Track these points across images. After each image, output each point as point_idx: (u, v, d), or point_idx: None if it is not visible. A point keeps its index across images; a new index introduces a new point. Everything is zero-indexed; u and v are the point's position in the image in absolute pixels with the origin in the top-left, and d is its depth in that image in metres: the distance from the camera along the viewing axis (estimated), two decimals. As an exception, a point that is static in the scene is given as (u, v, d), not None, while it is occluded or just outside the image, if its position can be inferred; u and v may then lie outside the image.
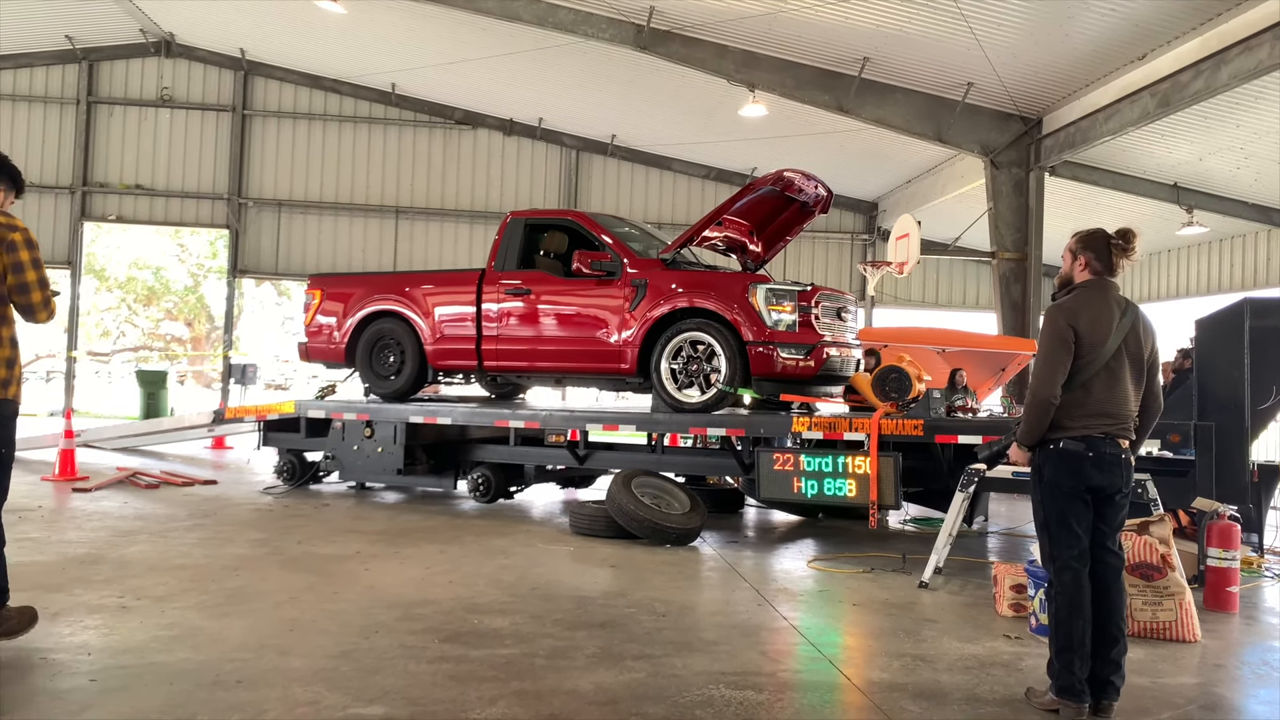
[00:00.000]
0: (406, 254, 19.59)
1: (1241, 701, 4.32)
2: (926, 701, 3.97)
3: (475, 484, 9.32)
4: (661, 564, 6.68)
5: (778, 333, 7.77)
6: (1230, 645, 5.13)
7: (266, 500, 9.23)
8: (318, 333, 9.93)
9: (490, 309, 9.02)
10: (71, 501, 8.82)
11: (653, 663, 4.36)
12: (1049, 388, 3.88)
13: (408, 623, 4.90)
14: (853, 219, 20.74)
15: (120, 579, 5.67)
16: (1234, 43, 9.75)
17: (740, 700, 3.89)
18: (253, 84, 19.56)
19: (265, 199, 19.50)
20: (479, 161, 19.87)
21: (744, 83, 13.59)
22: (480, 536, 7.58)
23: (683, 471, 8.90)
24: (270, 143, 19.62)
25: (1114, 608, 3.90)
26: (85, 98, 19.18)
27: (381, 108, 19.61)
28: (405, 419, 9.21)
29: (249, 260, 19.65)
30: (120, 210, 19.52)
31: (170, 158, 19.43)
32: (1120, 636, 3.89)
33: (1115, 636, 3.87)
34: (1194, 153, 14.05)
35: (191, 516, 8.11)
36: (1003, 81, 12.52)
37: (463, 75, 17.22)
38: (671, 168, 19.97)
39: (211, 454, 13.61)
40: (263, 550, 6.76)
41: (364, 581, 5.88)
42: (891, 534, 8.30)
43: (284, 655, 4.32)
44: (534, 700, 3.80)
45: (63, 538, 7.01)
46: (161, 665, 4.11)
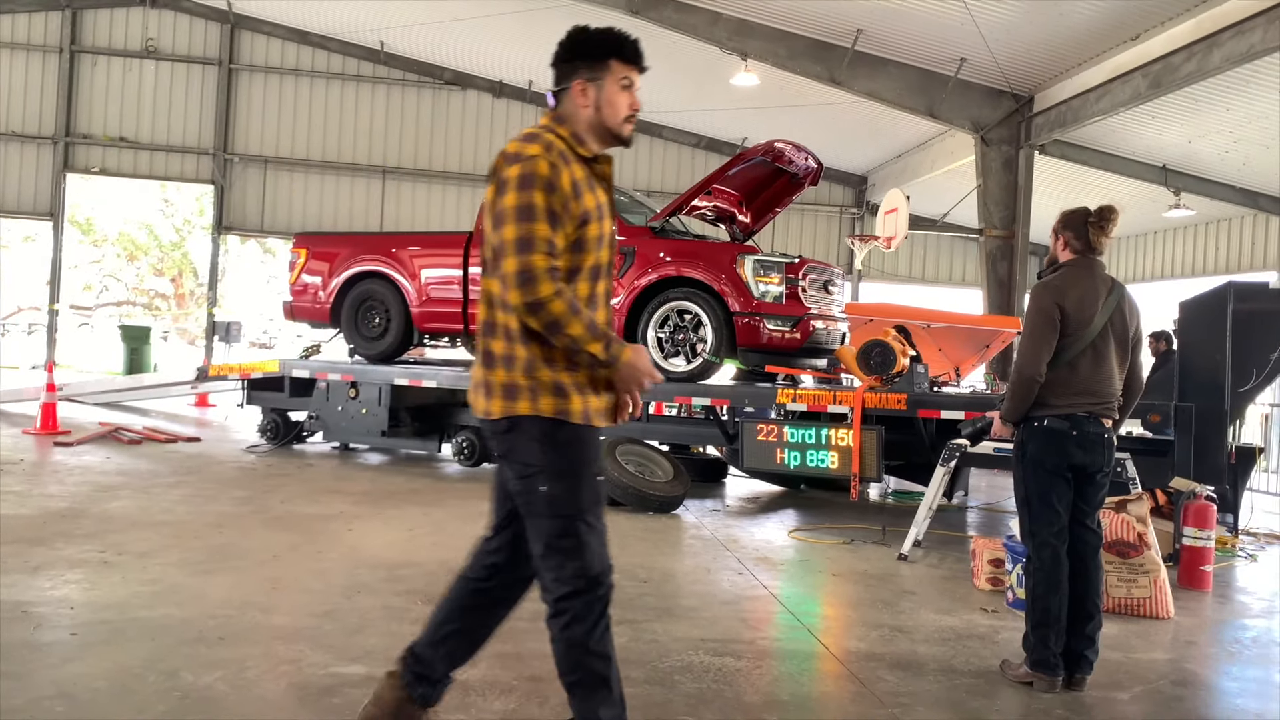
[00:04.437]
0: (393, 215, 19.45)
1: (1212, 678, 4.40)
2: (903, 672, 4.03)
3: (460, 447, 9.33)
4: (644, 531, 6.72)
5: (764, 304, 7.78)
6: (1203, 623, 5.22)
7: (250, 459, 9.22)
8: (302, 292, 9.88)
9: (478, 272, 8.97)
10: (53, 456, 8.78)
11: (634, 628, 4.40)
12: (1034, 365, 3.90)
13: (391, 583, 4.93)
14: (842, 192, 20.71)
15: (102, 534, 5.67)
16: (1227, 25, 9.74)
17: (719, 666, 3.94)
18: (240, 38, 19.29)
19: (251, 155, 19.29)
20: (468, 123, 19.70)
21: (736, 51, 13.50)
22: (464, 499, 7.60)
23: (667, 440, 8.94)
24: (257, 98, 19.38)
25: (1090, 583, 3.96)
26: (68, 46, 18.86)
27: (370, 66, 19.38)
28: (390, 381, 9.20)
29: (234, 217, 19.47)
30: (104, 162, 19.27)
31: (155, 110, 19.17)
32: (1095, 612, 3.94)
33: (1090, 612, 3.93)
34: (1184, 135, 14.07)
35: (174, 473, 8.10)
36: (995, 58, 12.48)
37: (452, 35, 17.02)
38: (662, 135, 19.85)
39: (195, 411, 13.55)
40: (246, 508, 6.76)
41: (347, 542, 5.90)
42: (872, 506, 8.37)
43: (266, 613, 4.33)
44: (515, 662, 3.84)
45: (44, 491, 6.99)
46: (143, 620, 4.12)
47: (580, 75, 2.66)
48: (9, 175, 18.78)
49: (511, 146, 2.59)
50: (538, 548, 2.67)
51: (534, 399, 2.60)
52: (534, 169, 2.52)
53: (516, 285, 2.49)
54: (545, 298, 2.48)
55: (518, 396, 2.61)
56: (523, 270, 2.48)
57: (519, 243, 2.49)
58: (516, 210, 2.51)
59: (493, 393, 2.65)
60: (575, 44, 2.69)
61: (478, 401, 2.71)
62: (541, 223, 2.50)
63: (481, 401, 2.69)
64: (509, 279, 2.50)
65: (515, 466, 2.66)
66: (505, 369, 2.63)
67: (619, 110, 2.69)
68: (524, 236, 2.49)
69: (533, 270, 2.48)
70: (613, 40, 2.68)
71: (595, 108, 2.66)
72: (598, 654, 2.68)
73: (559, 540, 2.63)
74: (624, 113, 2.70)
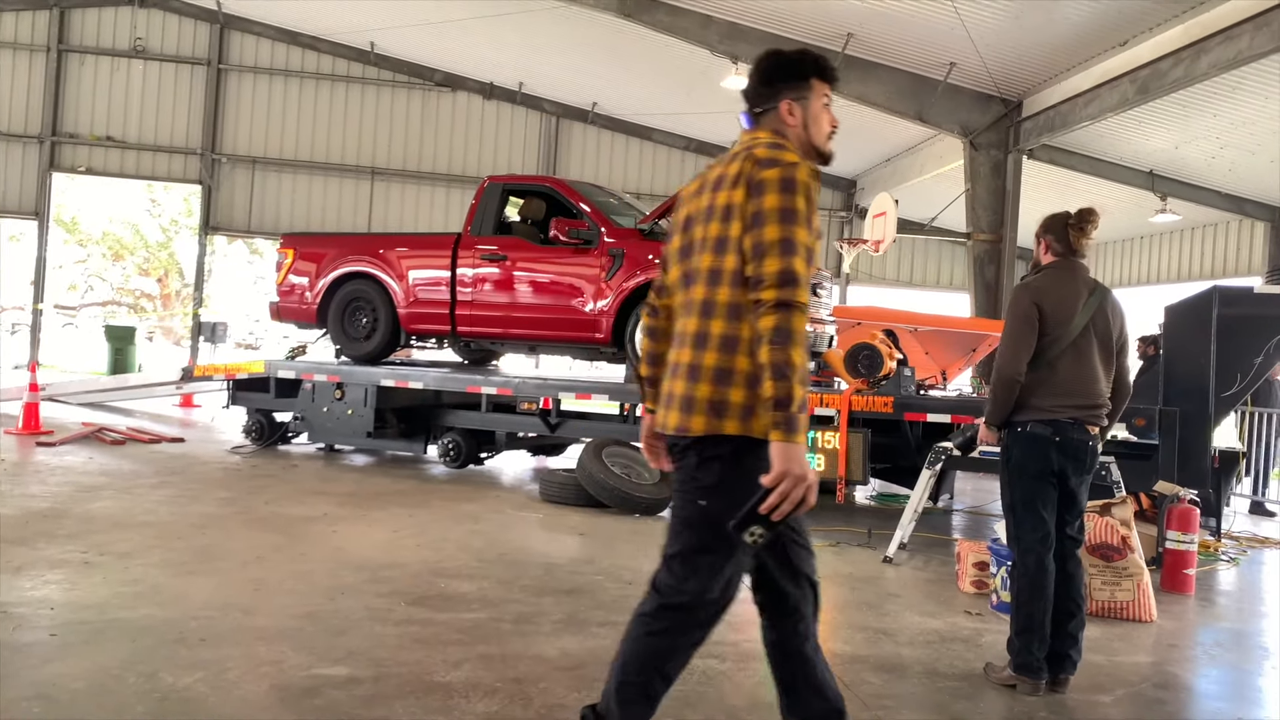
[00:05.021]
0: (381, 215, 19.40)
1: (1193, 681, 4.41)
2: (887, 674, 4.03)
3: (446, 449, 9.30)
4: (630, 533, 6.71)
5: (753, 306, 7.77)
6: (1185, 626, 5.24)
7: (234, 459, 9.17)
8: (289, 292, 9.84)
9: (465, 274, 8.96)
10: (35, 456, 8.72)
11: (618, 629, 4.34)
12: (1012, 365, 3.92)
13: (374, 585, 4.90)
14: (831, 195, 20.75)
15: (84, 534, 5.63)
16: (1215, 32, 9.79)
17: (703, 669, 3.93)
18: (229, 38, 19.22)
19: (239, 155, 19.22)
20: (457, 124, 19.66)
21: (727, 54, 13.51)
22: (449, 501, 7.58)
23: (654, 442, 8.92)
24: (246, 98, 19.31)
25: (1072, 583, 3.97)
26: (56, 45, 18.77)
27: (360, 67, 19.34)
28: (376, 382, 9.17)
29: (221, 217, 19.39)
30: (90, 162, 19.17)
31: (143, 110, 19.08)
32: (1077, 612, 3.95)
33: (1072, 611, 3.94)
34: (1170, 141, 14.14)
35: (158, 474, 8.05)
36: (985, 63, 12.52)
37: (443, 36, 16.99)
38: (652, 138, 19.86)
39: (180, 412, 13.49)
40: (230, 509, 6.72)
41: (331, 543, 5.87)
42: (858, 509, 8.37)
43: (249, 615, 4.31)
44: (499, 664, 3.82)
45: (25, 491, 6.94)
46: (124, 621, 4.09)
47: (786, 95, 2.67)
48: (-6, 173, 18.67)
49: (762, 151, 2.53)
50: (673, 547, 2.57)
51: (745, 418, 2.47)
52: (796, 175, 2.48)
53: (778, 284, 2.38)
54: (800, 304, 2.39)
55: (725, 414, 2.47)
56: (785, 270, 2.39)
57: (783, 244, 2.42)
58: (780, 212, 2.44)
59: (694, 409, 2.49)
60: (779, 66, 2.70)
61: (671, 417, 2.56)
62: (803, 228, 2.45)
63: (676, 417, 2.54)
64: (770, 277, 2.39)
65: (692, 482, 2.53)
66: (715, 384, 2.49)
67: (823, 127, 2.71)
68: (788, 239, 2.42)
69: (795, 273, 2.40)
70: (813, 61, 2.71)
71: (803, 125, 2.68)
72: (665, 675, 2.61)
73: (697, 555, 2.53)
74: (827, 129, 2.72)
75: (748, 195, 2.49)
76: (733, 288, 2.50)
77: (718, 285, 2.52)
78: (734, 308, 2.49)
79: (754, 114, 2.70)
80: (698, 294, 2.57)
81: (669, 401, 2.58)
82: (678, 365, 2.58)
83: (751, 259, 2.45)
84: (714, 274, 2.53)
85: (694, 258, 2.61)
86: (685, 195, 2.75)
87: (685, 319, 2.61)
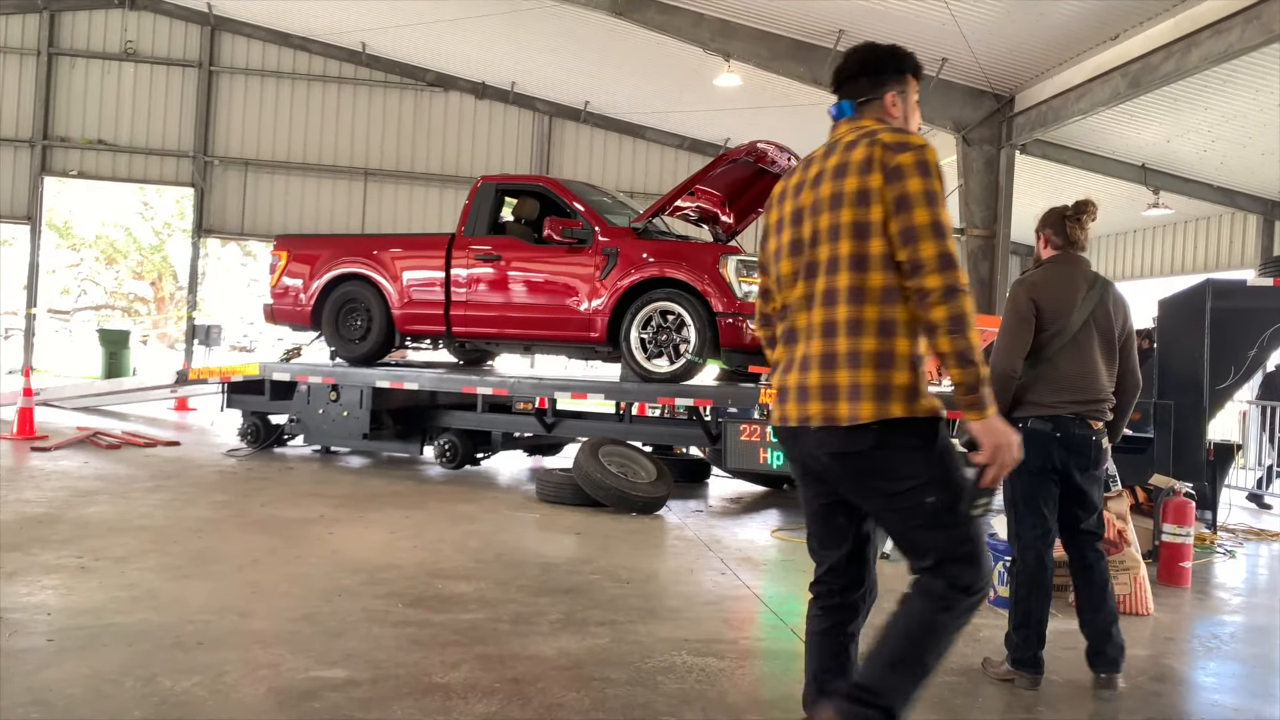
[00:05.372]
0: (375, 217, 19.38)
1: (1190, 674, 4.42)
2: (885, 670, 4.03)
3: (442, 450, 9.29)
4: (627, 532, 6.71)
5: (748, 304, 7.78)
6: (1181, 619, 5.25)
7: (230, 463, 9.16)
8: (283, 294, 9.83)
9: (459, 274, 8.96)
10: (30, 460, 8.70)
11: (616, 629, 4.39)
12: (1007, 360, 3.90)
13: (371, 587, 4.90)
14: (824, 192, 20.74)
15: (79, 539, 5.61)
16: (1205, 25, 9.81)
17: (702, 667, 3.93)
18: (220, 40, 19.18)
19: (232, 158, 19.18)
20: (450, 125, 19.65)
21: (719, 52, 13.51)
22: (446, 502, 7.57)
23: (650, 441, 8.93)
24: (238, 101, 19.27)
25: (1094, 577, 3.91)
26: (46, 49, 18.72)
27: (352, 68, 19.31)
28: (371, 383, 9.16)
29: (214, 220, 19.36)
30: (82, 166, 19.13)
31: (135, 113, 19.04)
32: (1101, 607, 3.89)
33: (1096, 607, 3.88)
34: (1162, 134, 14.17)
35: (153, 478, 8.03)
36: (977, 58, 12.53)
37: (435, 36, 16.97)
38: (645, 136, 19.85)
39: (174, 415, 13.46)
40: (225, 512, 6.71)
41: (328, 545, 5.86)
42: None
43: (245, 618, 4.30)
44: (497, 664, 3.82)
45: (20, 497, 6.92)
46: (121, 626, 4.08)
47: (891, 88, 2.67)
48: (-14, 178, 18.62)
49: (888, 135, 2.50)
50: (927, 560, 2.48)
51: (911, 400, 2.43)
52: (929, 157, 2.47)
53: (939, 269, 2.37)
54: (964, 286, 2.39)
55: (890, 398, 2.42)
56: (944, 254, 2.38)
57: (935, 227, 2.40)
58: (925, 195, 2.42)
59: (860, 395, 2.42)
60: (885, 58, 2.71)
61: (811, 408, 2.48)
62: (944, 209, 2.45)
63: (818, 407, 2.46)
64: (930, 262, 2.38)
65: (887, 482, 2.47)
66: (878, 369, 2.43)
67: (916, 122, 2.74)
68: (937, 222, 2.41)
69: (952, 256, 2.39)
70: (912, 57, 2.74)
71: (904, 118, 2.69)
72: (940, 651, 2.49)
73: (958, 548, 2.45)
74: (917, 125, 2.74)
75: (885, 180, 2.46)
76: (884, 271, 2.45)
77: (864, 270, 2.47)
78: (888, 291, 2.45)
79: (857, 104, 2.68)
80: (821, 284, 2.52)
81: (801, 394, 2.53)
82: (807, 358, 2.54)
83: (902, 245, 2.42)
84: (857, 259, 2.48)
85: (815, 249, 2.55)
86: (785, 191, 2.71)
87: (804, 312, 2.57)
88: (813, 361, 2.52)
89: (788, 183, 2.71)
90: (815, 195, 2.58)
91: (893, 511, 2.52)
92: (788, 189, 2.69)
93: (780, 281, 2.67)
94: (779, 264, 2.67)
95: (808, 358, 2.54)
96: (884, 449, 2.44)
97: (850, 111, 2.69)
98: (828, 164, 2.58)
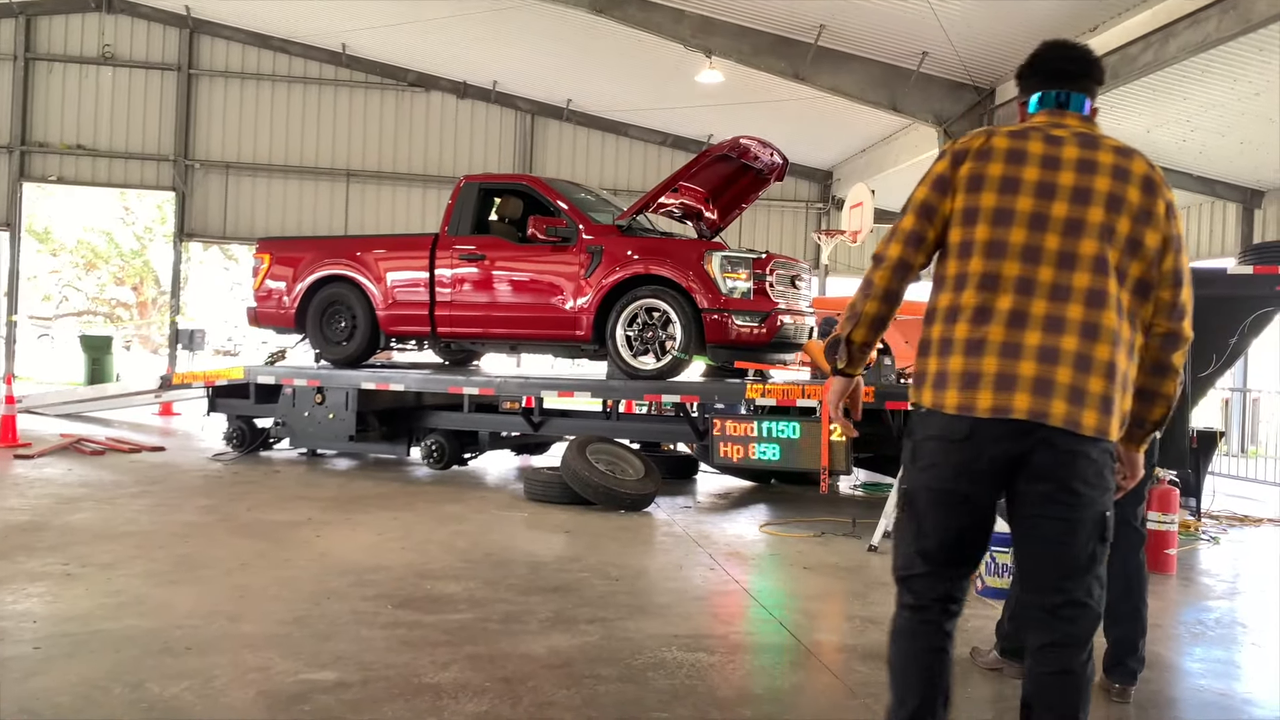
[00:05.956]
0: (358, 218, 19.29)
1: (1177, 660, 4.46)
2: (875, 662, 4.04)
3: (429, 450, 9.27)
4: (615, 529, 6.72)
5: (732, 300, 7.80)
6: (1167, 605, 5.28)
7: (215, 467, 9.12)
8: (267, 297, 9.78)
9: (444, 274, 8.93)
10: (13, 468, 8.64)
11: (606, 626, 4.39)
12: None
13: (360, 589, 4.89)
14: (808, 187, 20.79)
15: (65, 546, 5.58)
16: (1182, 16, 9.86)
17: (692, 662, 3.94)
18: (199, 43, 19.05)
19: (213, 161, 19.06)
20: (432, 124, 19.57)
21: (700, 48, 13.51)
22: (434, 503, 7.56)
23: (637, 438, 8.93)
24: (218, 104, 19.14)
25: (1133, 584, 3.79)
26: (23, 54, 18.54)
27: (332, 69, 19.21)
28: (357, 385, 9.13)
29: (196, 223, 19.23)
30: (61, 171, 18.97)
31: (114, 118, 18.89)
32: (1136, 616, 3.78)
33: (1130, 614, 3.77)
34: (1142, 125, 14.24)
35: (138, 483, 7.99)
36: (957, 51, 12.57)
37: (416, 36, 16.90)
38: (627, 133, 19.83)
39: (159, 420, 13.38)
40: (212, 517, 6.68)
41: (316, 548, 5.84)
42: (842, 499, 8.41)
43: (234, 622, 4.29)
44: (487, 664, 3.82)
45: (4, 504, 6.87)
46: (108, 632, 4.06)
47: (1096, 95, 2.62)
48: (-35, 184, 18.45)
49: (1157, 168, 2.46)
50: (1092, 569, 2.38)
51: (1122, 426, 2.40)
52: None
53: (1190, 319, 2.46)
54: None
55: (1112, 416, 2.35)
56: (1191, 306, 2.46)
57: (1188, 277, 2.46)
58: (1183, 240, 2.46)
59: (1111, 410, 2.34)
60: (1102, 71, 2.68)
61: (1057, 406, 2.30)
62: None
63: (1063, 407, 2.31)
64: (1188, 310, 2.45)
65: (1095, 491, 2.35)
66: (1123, 390, 2.37)
67: None
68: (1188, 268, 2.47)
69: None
70: None
71: None
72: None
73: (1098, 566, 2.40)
74: None
75: (1166, 213, 2.44)
76: (1133, 296, 2.41)
77: (1122, 288, 2.39)
78: (1133, 315, 2.42)
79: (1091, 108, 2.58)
80: (1084, 280, 2.35)
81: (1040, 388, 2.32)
82: (1053, 351, 2.33)
83: (1170, 285, 2.43)
84: (1120, 274, 2.39)
85: (1075, 239, 2.37)
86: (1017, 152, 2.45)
87: (1045, 300, 2.35)
88: (1063, 358, 2.32)
89: (1021, 144, 2.46)
90: (1083, 182, 2.40)
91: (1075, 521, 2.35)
92: (1025, 152, 2.44)
93: (991, 246, 2.40)
94: (1006, 229, 2.39)
95: (1054, 351, 2.32)
96: (1099, 464, 2.36)
97: (1086, 110, 2.57)
98: (1097, 157, 2.43)
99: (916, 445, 2.49)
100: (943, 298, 2.46)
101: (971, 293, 2.40)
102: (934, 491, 2.45)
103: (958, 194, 2.46)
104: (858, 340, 2.62)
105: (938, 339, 2.45)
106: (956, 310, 2.42)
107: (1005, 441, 2.34)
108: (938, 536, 2.47)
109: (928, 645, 2.52)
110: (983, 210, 2.42)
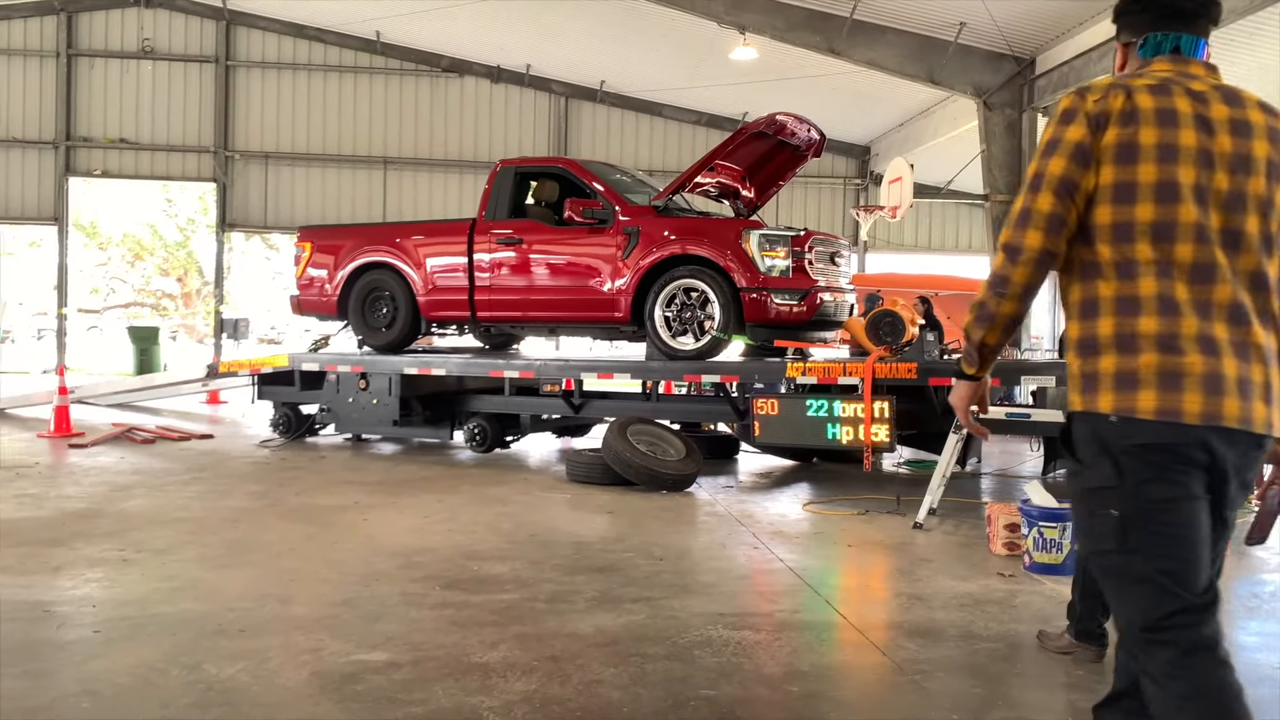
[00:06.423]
0: (396, 205, 19.42)
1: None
2: (922, 639, 4.03)
3: (471, 434, 9.34)
4: (658, 509, 6.73)
5: (771, 278, 7.75)
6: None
7: (263, 453, 9.26)
8: (309, 285, 9.89)
9: (482, 259, 8.97)
10: (68, 457, 8.83)
11: (651, 605, 4.41)
12: None
13: (408, 570, 4.94)
14: (845, 163, 20.59)
15: (120, 532, 5.70)
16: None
17: (739, 640, 3.95)
18: (235, 34, 19.23)
19: (252, 151, 19.27)
20: (467, 110, 19.62)
21: (734, 25, 13.40)
22: (477, 485, 7.62)
23: (678, 418, 8.93)
24: (255, 94, 19.33)
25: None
26: (65, 50, 18.83)
27: (367, 57, 19.31)
28: (400, 370, 9.21)
29: (237, 214, 19.47)
30: (105, 165, 19.28)
31: (154, 110, 19.15)
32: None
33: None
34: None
35: (189, 470, 8.14)
36: (995, 20, 12.36)
37: (448, 21, 16.93)
38: (662, 114, 19.75)
39: (207, 408, 13.61)
40: (261, 502, 6.79)
41: (363, 531, 5.92)
42: (885, 476, 8.36)
43: (285, 604, 4.36)
44: (535, 643, 3.85)
45: (61, 493, 7.03)
46: (164, 616, 4.14)
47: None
48: (12, 181, 18.80)
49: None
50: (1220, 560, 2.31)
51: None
52: None
53: None
54: None
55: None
56: None
57: None
58: None
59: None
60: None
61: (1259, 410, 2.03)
62: None
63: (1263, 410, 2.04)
64: None
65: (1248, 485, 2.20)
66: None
67: None
68: None
69: None
70: None
71: None
72: None
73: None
74: None
75: None
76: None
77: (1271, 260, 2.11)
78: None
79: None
80: (1249, 263, 2.07)
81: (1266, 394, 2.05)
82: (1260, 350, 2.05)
83: None
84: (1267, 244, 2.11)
85: (1238, 215, 2.06)
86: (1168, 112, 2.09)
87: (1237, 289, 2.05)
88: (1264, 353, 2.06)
89: (1168, 101, 2.09)
90: (1241, 147, 2.08)
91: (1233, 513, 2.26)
92: (1175, 112, 2.09)
93: (1158, 228, 2.04)
94: (1173, 206, 2.05)
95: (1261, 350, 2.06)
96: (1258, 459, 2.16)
97: (1202, 55, 2.25)
98: (1248, 116, 2.12)
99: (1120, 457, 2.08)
100: (1104, 286, 2.10)
101: (1150, 281, 2.04)
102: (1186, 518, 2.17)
103: (1104, 166, 2.08)
104: (991, 343, 2.31)
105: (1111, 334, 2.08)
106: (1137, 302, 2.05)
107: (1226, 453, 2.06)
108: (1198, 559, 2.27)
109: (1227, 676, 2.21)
110: (1141, 186, 2.05)
